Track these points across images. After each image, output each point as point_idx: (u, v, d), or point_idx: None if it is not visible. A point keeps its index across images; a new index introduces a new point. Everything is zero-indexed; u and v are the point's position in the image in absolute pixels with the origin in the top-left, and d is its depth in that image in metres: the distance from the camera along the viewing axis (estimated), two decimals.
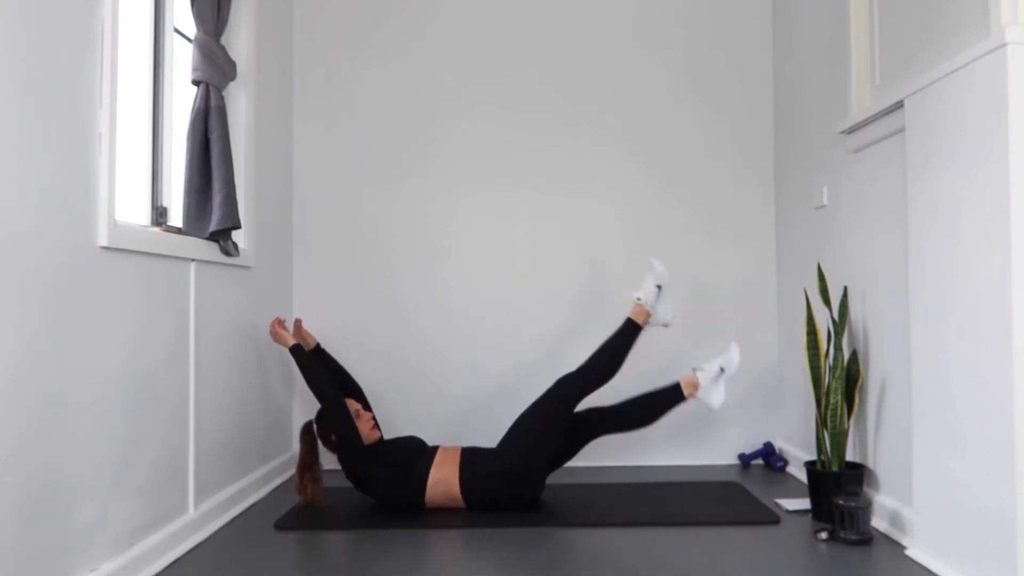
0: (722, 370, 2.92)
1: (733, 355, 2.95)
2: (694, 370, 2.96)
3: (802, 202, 3.36)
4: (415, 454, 2.83)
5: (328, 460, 2.94)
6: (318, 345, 3.11)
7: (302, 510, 2.84)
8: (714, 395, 2.91)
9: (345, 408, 2.78)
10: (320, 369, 2.83)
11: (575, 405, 2.88)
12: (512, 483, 2.80)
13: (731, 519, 2.69)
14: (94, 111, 2.01)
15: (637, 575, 2.18)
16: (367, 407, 3.05)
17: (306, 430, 2.88)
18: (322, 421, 2.84)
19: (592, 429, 2.92)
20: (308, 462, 2.87)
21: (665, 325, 3.07)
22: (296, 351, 2.83)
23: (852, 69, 2.76)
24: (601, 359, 2.94)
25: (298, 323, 3.01)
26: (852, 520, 2.42)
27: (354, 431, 2.77)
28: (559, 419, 2.85)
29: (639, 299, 3.00)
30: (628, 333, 2.97)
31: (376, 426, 2.92)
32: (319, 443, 2.88)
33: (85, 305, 1.95)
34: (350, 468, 2.80)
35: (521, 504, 2.82)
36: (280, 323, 2.91)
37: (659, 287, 3.01)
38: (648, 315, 2.99)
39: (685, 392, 2.92)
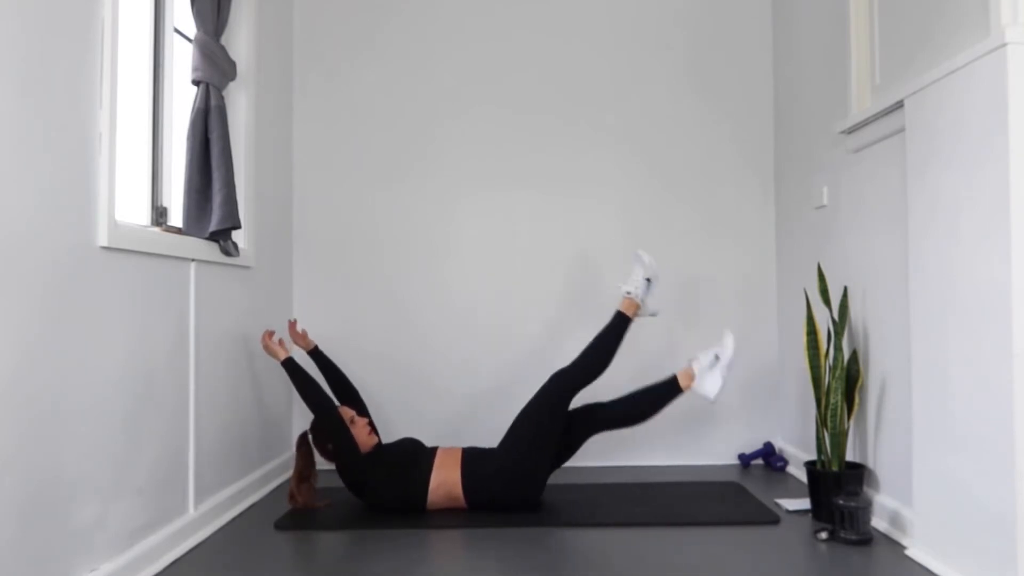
0: (717, 358, 2.88)
1: (727, 343, 2.91)
2: (690, 362, 2.95)
3: (802, 202, 3.36)
4: (414, 458, 2.82)
5: (323, 460, 2.93)
6: (316, 347, 3.10)
7: (301, 511, 2.84)
8: (709, 384, 2.86)
9: (340, 419, 2.76)
10: (313, 381, 2.79)
11: (570, 400, 2.88)
12: (514, 482, 2.79)
13: (731, 519, 2.69)
14: (94, 111, 2.01)
15: (637, 575, 2.18)
16: (362, 411, 3.03)
17: (302, 441, 2.87)
18: (317, 432, 2.83)
19: (590, 426, 2.91)
20: (305, 474, 2.86)
21: (653, 315, 3.10)
22: (288, 365, 2.80)
23: (852, 69, 2.76)
24: (593, 353, 2.94)
25: (292, 325, 2.98)
26: (852, 520, 2.42)
27: (350, 441, 2.75)
28: (556, 415, 2.84)
29: (629, 292, 3.01)
30: (619, 327, 2.97)
31: (373, 430, 2.91)
32: (315, 453, 2.88)
33: (85, 305, 1.95)
34: (348, 477, 2.79)
35: (523, 504, 2.82)
36: (270, 336, 2.87)
37: (648, 280, 3.03)
38: (638, 308, 3.01)
39: (682, 384, 2.90)
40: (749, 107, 3.75)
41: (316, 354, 3.09)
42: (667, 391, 2.92)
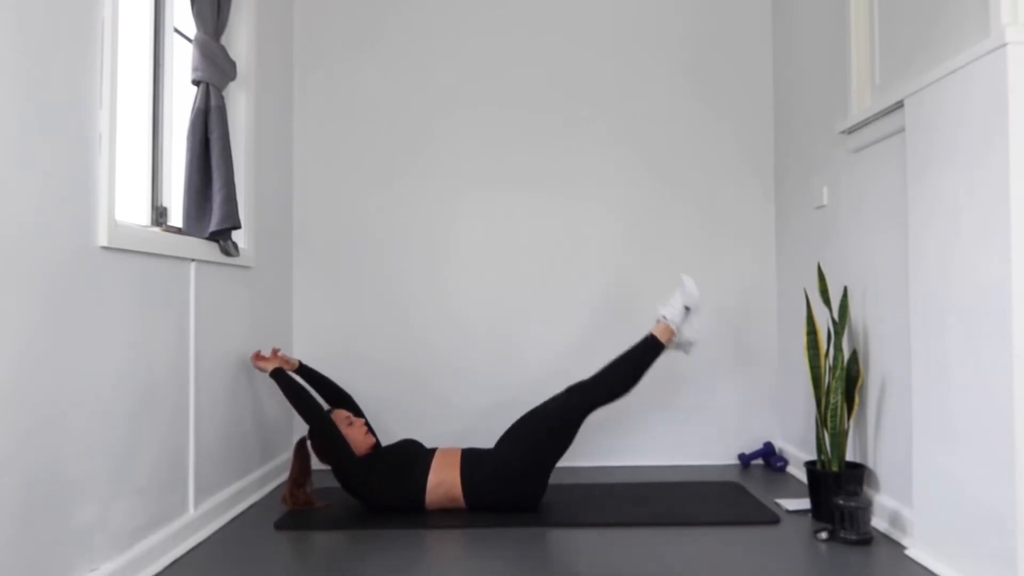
0: (687, 309, 2.87)
1: (689, 287, 2.88)
2: (660, 318, 2.90)
3: (802, 202, 3.36)
4: (412, 458, 2.82)
5: (320, 461, 2.93)
6: (300, 363, 3.09)
7: (300, 511, 2.84)
8: (688, 332, 2.86)
9: (333, 425, 2.77)
10: (302, 390, 2.81)
11: (585, 417, 2.83)
12: (516, 486, 2.79)
13: (731, 519, 2.69)
14: (94, 111, 2.01)
15: (637, 575, 2.18)
16: (358, 415, 3.03)
17: (300, 447, 2.88)
18: (315, 438, 2.83)
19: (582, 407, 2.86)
20: (301, 480, 2.87)
21: (686, 350, 2.96)
22: (277, 375, 2.83)
23: (852, 69, 2.76)
24: (617, 373, 2.84)
25: (275, 351, 3.00)
26: (852, 520, 2.42)
27: (345, 447, 2.76)
28: (569, 430, 2.82)
29: (664, 317, 2.89)
30: (649, 350, 2.85)
31: (370, 431, 2.91)
32: (311, 459, 2.88)
33: (85, 305, 1.95)
34: (346, 480, 2.79)
35: (523, 505, 2.82)
36: (258, 355, 2.94)
37: (687, 308, 2.91)
38: (672, 335, 2.88)
39: (662, 339, 2.85)
40: (749, 107, 3.75)
41: (302, 370, 3.08)
42: (648, 352, 2.85)
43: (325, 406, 3.03)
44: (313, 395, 2.85)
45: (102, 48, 2.04)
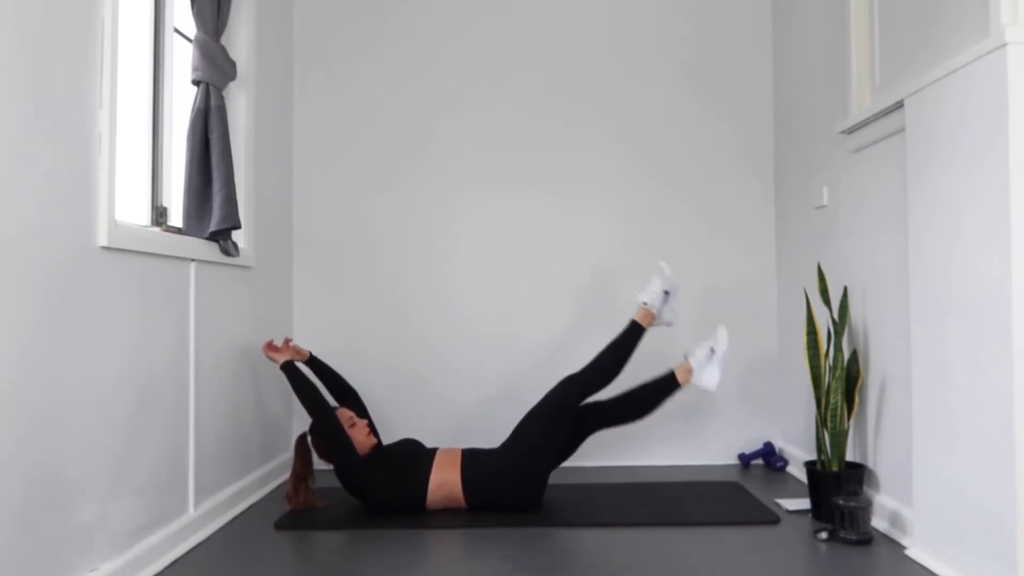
0: (712, 351, 2.93)
1: (721, 336, 2.96)
2: (685, 356, 2.98)
3: (802, 202, 3.36)
4: (413, 459, 2.82)
5: (321, 461, 2.93)
6: (311, 354, 3.09)
7: (300, 511, 2.84)
8: (707, 377, 2.92)
9: (337, 422, 2.76)
10: (311, 385, 2.80)
11: (577, 405, 2.88)
12: (517, 484, 2.79)
13: (731, 519, 2.69)
14: (94, 111, 2.01)
15: (637, 575, 2.18)
16: (362, 413, 3.04)
17: (300, 442, 2.87)
18: (316, 434, 2.83)
19: (589, 425, 2.92)
20: (303, 475, 2.87)
21: (668, 325, 3.09)
22: (287, 368, 2.82)
23: (852, 69, 2.76)
24: (605, 361, 2.94)
25: (287, 341, 3.00)
26: (852, 520, 2.42)
27: (348, 444, 2.75)
28: (561, 419, 2.84)
29: (645, 303, 3.00)
30: (631, 336, 2.98)
31: (372, 432, 2.91)
32: (313, 455, 2.88)
33: (85, 305, 1.95)
34: (347, 480, 2.78)
35: (524, 505, 2.82)
36: (270, 345, 2.93)
37: (666, 293, 3.01)
38: (652, 318, 3.01)
39: (680, 379, 2.92)
40: (749, 107, 3.75)
41: (312, 362, 3.08)
42: (665, 387, 2.94)
43: (331, 402, 3.02)
44: (321, 391, 2.85)
45: (102, 48, 2.04)
